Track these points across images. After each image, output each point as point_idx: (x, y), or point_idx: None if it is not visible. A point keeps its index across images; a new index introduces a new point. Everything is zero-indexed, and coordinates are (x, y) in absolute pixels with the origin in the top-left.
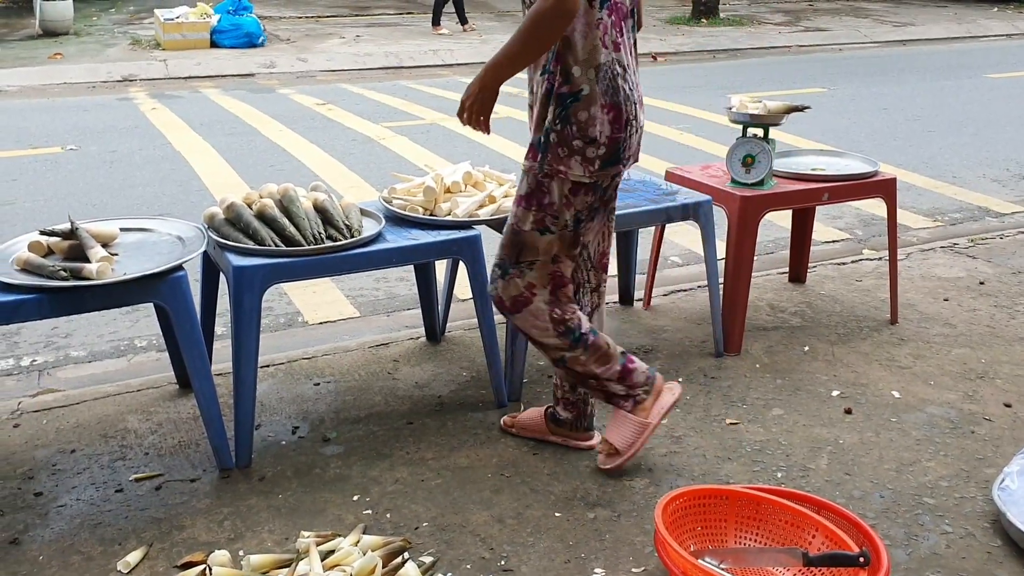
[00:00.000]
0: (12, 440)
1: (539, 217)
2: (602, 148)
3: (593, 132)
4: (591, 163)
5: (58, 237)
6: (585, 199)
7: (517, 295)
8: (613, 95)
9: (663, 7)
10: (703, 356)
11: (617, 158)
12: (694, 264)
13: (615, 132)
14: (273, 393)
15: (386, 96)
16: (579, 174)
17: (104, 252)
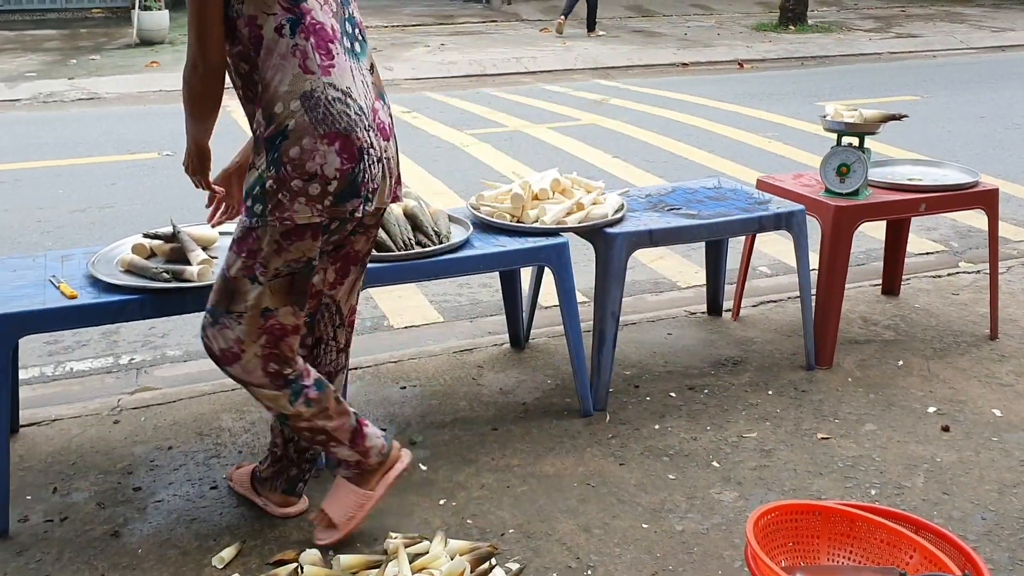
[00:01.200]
0: (113, 436)
1: (248, 264)
2: (332, 183)
3: (313, 167)
4: (318, 201)
5: (160, 240)
6: (305, 243)
7: (226, 348)
8: (332, 123)
9: (748, 14)
10: (793, 369)
11: (354, 192)
12: (783, 274)
13: (344, 163)
14: (361, 395)
15: (470, 104)
16: (307, 216)
17: (204, 255)
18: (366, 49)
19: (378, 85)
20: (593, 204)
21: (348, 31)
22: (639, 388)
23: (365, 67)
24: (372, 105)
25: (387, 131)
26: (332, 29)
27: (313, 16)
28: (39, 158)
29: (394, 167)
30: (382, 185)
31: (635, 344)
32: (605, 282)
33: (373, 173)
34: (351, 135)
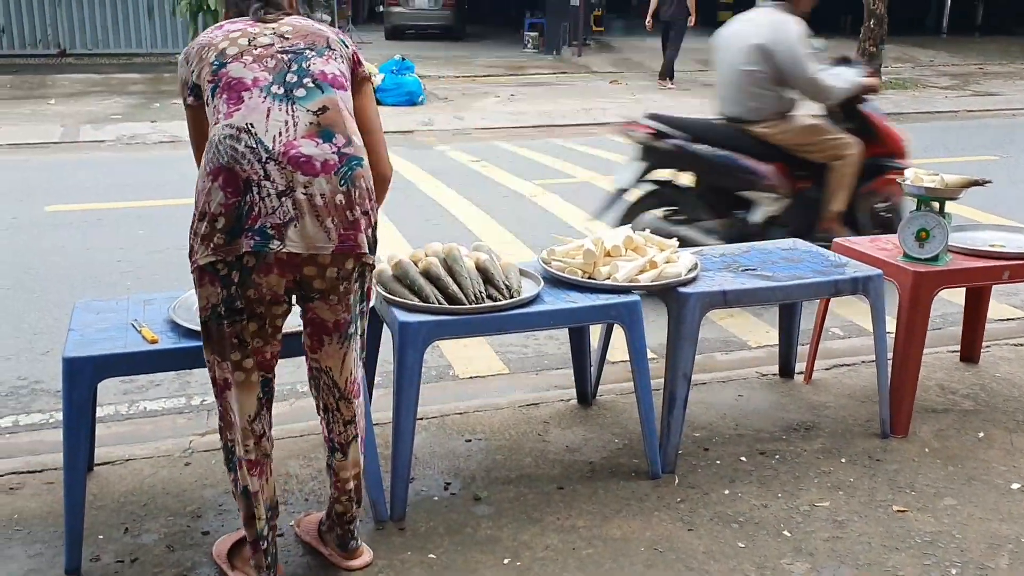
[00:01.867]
0: (183, 478)
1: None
2: (219, 219)
3: (202, 205)
4: (210, 239)
5: None
6: (206, 289)
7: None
8: (219, 158)
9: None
10: (867, 436)
11: (242, 227)
12: (856, 337)
13: (229, 197)
14: (426, 447)
15: (539, 154)
16: (203, 256)
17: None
18: (317, 96)
19: (332, 126)
20: (666, 262)
21: (288, 80)
22: (708, 451)
23: (304, 108)
24: (289, 140)
25: (312, 166)
26: (253, 80)
27: (230, 74)
28: (121, 199)
29: (327, 206)
30: (302, 224)
31: (705, 405)
32: (677, 342)
33: (269, 207)
34: (234, 167)
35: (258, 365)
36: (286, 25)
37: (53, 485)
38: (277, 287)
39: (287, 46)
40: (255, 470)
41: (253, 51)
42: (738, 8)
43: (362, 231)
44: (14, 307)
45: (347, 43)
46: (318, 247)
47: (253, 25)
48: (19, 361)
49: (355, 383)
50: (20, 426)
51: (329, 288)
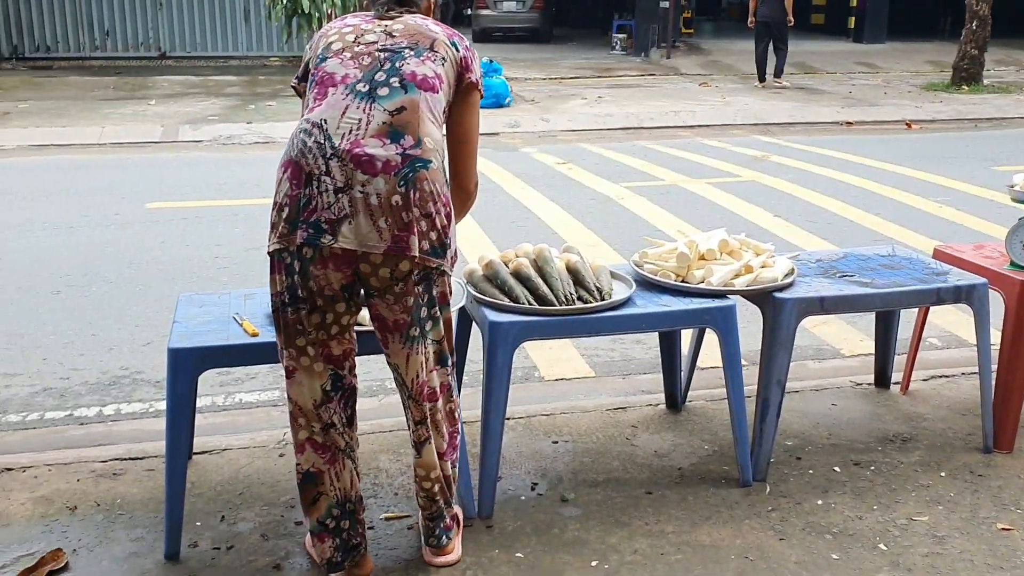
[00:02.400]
0: (277, 468)
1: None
2: (284, 209)
3: (275, 194)
4: (276, 228)
5: None
6: (272, 277)
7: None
8: (290, 151)
9: (918, 73)
10: (968, 451)
11: (300, 218)
12: (955, 347)
13: (293, 189)
14: (513, 447)
15: (626, 156)
16: (272, 242)
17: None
18: (398, 96)
19: (404, 127)
20: (762, 267)
21: (376, 78)
22: (801, 460)
23: (381, 107)
24: (356, 139)
25: (373, 166)
26: (343, 77)
27: (326, 69)
28: (218, 197)
29: (382, 206)
30: (356, 222)
31: (798, 413)
32: (772, 349)
33: (326, 202)
34: (301, 160)
35: (323, 357)
36: (399, 24)
37: (154, 472)
38: (334, 281)
39: (389, 44)
40: (323, 453)
41: (355, 48)
42: (830, 11)
43: (416, 234)
44: (117, 300)
45: (458, 47)
46: (369, 246)
47: (369, 21)
48: (121, 352)
49: (424, 385)
50: (122, 414)
51: (384, 287)
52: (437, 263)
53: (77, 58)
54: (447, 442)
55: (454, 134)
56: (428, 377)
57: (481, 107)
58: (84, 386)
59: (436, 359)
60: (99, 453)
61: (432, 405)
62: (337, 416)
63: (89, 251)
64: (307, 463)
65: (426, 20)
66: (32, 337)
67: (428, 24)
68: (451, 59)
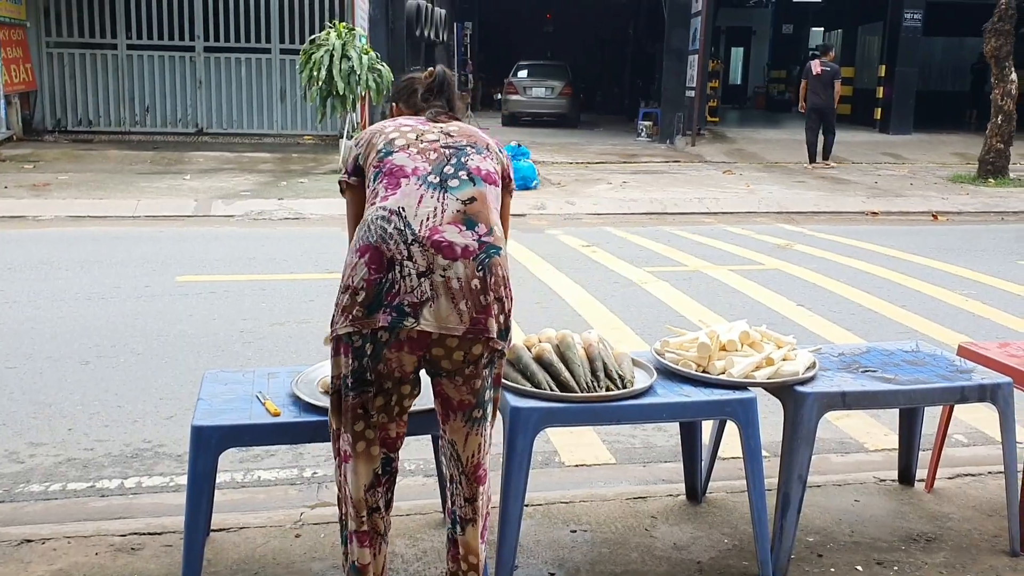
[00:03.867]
0: (293, 549)
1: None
2: (360, 293)
3: (347, 279)
4: (349, 311)
5: None
6: (339, 359)
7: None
8: (368, 236)
9: (944, 165)
10: (995, 553)
11: (380, 302)
12: (981, 445)
13: (372, 273)
14: (531, 535)
15: (649, 241)
16: (343, 325)
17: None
18: (468, 187)
19: (477, 215)
20: (783, 360)
21: (446, 171)
22: (823, 558)
23: (454, 197)
24: (435, 226)
25: (453, 251)
26: (413, 169)
27: (394, 162)
28: (247, 272)
29: (463, 289)
30: (438, 305)
31: (819, 509)
32: (793, 443)
33: (409, 286)
34: (381, 246)
35: (380, 441)
36: (453, 126)
37: (172, 548)
38: (407, 364)
39: (451, 142)
40: (366, 542)
41: (419, 144)
42: (857, 102)
43: (493, 316)
44: (143, 372)
45: (503, 154)
46: (449, 328)
47: (424, 123)
48: (145, 424)
49: (480, 466)
50: (143, 487)
51: (455, 369)
52: (502, 346)
53: (117, 132)
54: (483, 527)
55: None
56: (482, 459)
57: None
58: (107, 458)
59: (487, 445)
60: (119, 527)
61: (482, 488)
62: (382, 499)
63: (119, 322)
64: (353, 555)
65: (475, 128)
66: (59, 407)
67: (479, 131)
68: (500, 163)
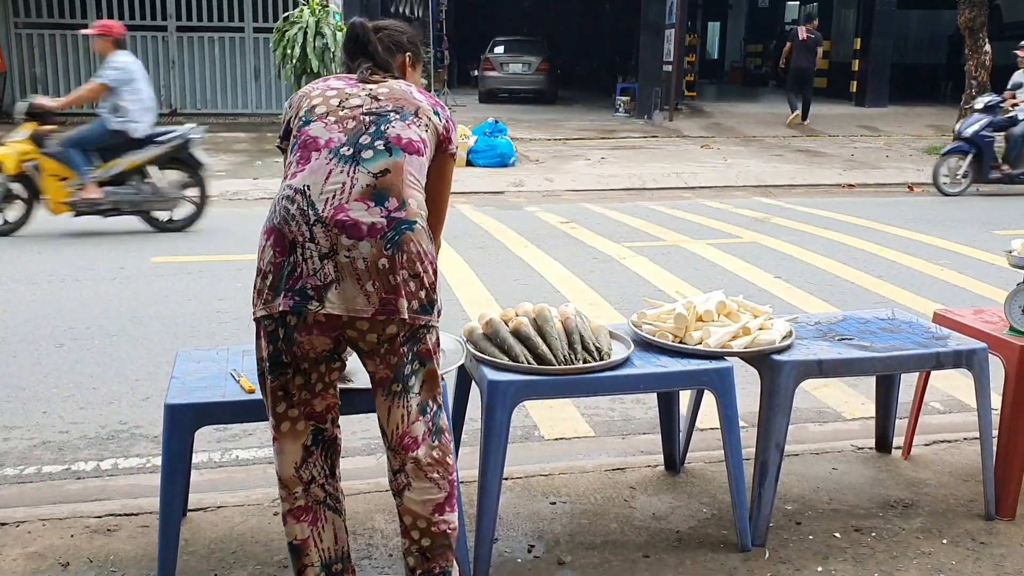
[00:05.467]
0: (271, 527)
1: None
2: (268, 277)
3: (258, 261)
4: (260, 295)
5: None
6: (258, 343)
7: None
8: (273, 218)
9: (920, 136)
10: (970, 517)
11: (284, 286)
12: (957, 412)
13: (277, 256)
14: (511, 507)
15: (628, 216)
16: (258, 308)
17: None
18: (382, 159)
19: (388, 189)
20: (760, 329)
21: (361, 142)
22: (801, 525)
23: (366, 170)
24: (340, 204)
25: (358, 230)
26: (327, 141)
27: (309, 133)
28: (222, 252)
29: (369, 270)
30: (343, 287)
31: (797, 477)
32: (770, 411)
33: (311, 268)
34: (284, 228)
35: (305, 416)
36: (384, 87)
37: (148, 529)
38: (320, 345)
39: (374, 108)
40: (305, 516)
41: (339, 112)
42: (833, 75)
43: (405, 295)
44: (118, 353)
45: (440, 116)
46: (357, 310)
47: (353, 85)
48: (120, 406)
49: (405, 435)
50: (119, 469)
51: (370, 349)
52: (426, 320)
53: (89, 114)
54: (441, 491)
55: (430, 200)
56: (409, 428)
57: (486, 166)
58: (83, 440)
59: (418, 411)
60: (94, 508)
61: (413, 454)
62: (318, 469)
63: (93, 304)
64: (290, 535)
65: (411, 87)
66: (33, 390)
67: (412, 91)
68: (433, 127)
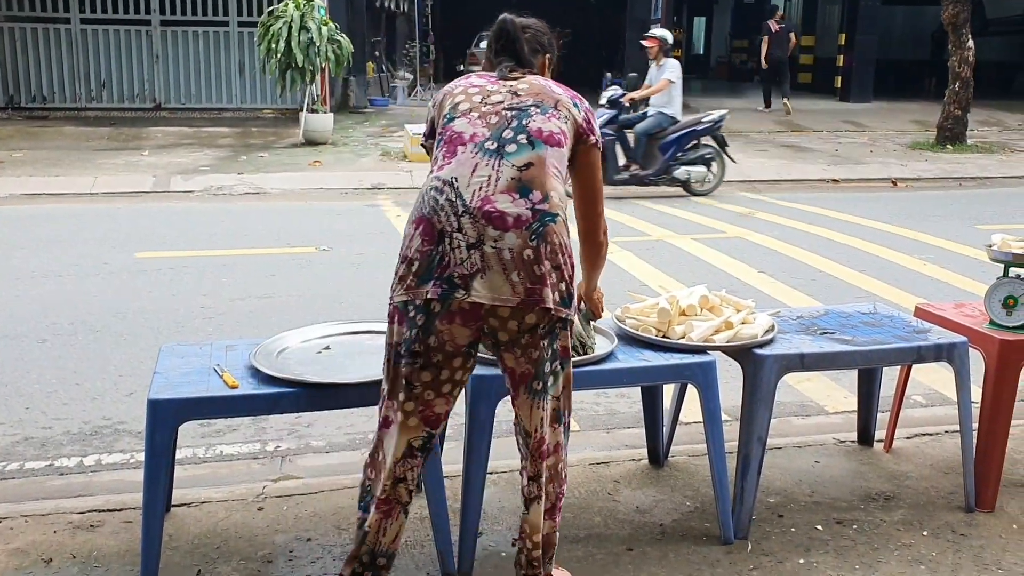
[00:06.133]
0: (255, 522)
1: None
2: (414, 264)
3: (404, 250)
4: (403, 281)
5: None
6: (393, 327)
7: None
8: (421, 208)
9: (903, 132)
10: (951, 510)
11: (431, 274)
12: (939, 405)
13: (424, 245)
14: (495, 501)
15: (614, 212)
16: (398, 293)
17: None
18: (525, 152)
19: (531, 182)
20: (742, 323)
21: (504, 136)
22: (783, 518)
23: (510, 163)
24: (487, 196)
25: (504, 221)
26: (471, 135)
27: (454, 129)
28: (206, 247)
29: (515, 260)
30: (488, 276)
31: (780, 470)
32: (752, 405)
33: (459, 258)
34: (433, 218)
35: (422, 417)
36: (523, 83)
37: (131, 524)
38: (459, 337)
39: (515, 103)
40: (383, 507)
41: (482, 108)
42: (817, 71)
43: (550, 285)
44: (102, 349)
45: (580, 108)
46: (503, 299)
47: (494, 82)
48: (104, 401)
49: (543, 440)
50: (103, 465)
51: (511, 340)
52: (566, 313)
53: (73, 108)
54: (553, 503)
55: (579, 192)
56: (546, 435)
57: None
58: (66, 436)
59: (553, 417)
60: (77, 504)
61: (547, 463)
62: (411, 473)
63: (77, 300)
64: (363, 520)
65: (548, 82)
66: (16, 386)
67: (551, 85)
68: (572, 119)
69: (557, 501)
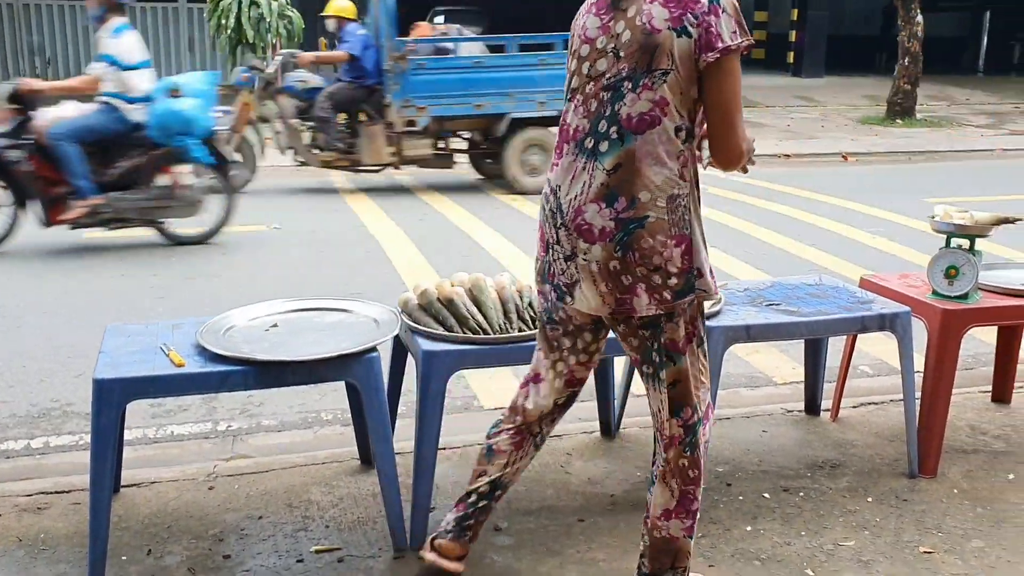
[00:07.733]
0: (207, 501)
1: None
2: (537, 263)
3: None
4: (536, 273)
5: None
6: (541, 300)
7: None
8: (541, 214)
9: (854, 107)
10: (895, 476)
11: (543, 278)
12: (885, 375)
13: (540, 251)
14: (448, 477)
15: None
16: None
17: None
18: (615, 151)
19: (619, 187)
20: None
21: (599, 130)
22: (731, 487)
23: (601, 167)
24: (579, 206)
25: (591, 234)
26: (574, 129)
27: (565, 118)
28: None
29: (601, 272)
30: (587, 287)
31: (729, 440)
32: None
33: (560, 268)
34: (543, 227)
35: (566, 379)
36: (628, 29)
37: (80, 506)
38: (583, 320)
39: (613, 74)
40: (516, 437)
41: (587, 86)
42: (770, 46)
43: (642, 293)
44: (51, 330)
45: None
46: (595, 310)
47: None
48: (52, 383)
49: (661, 428)
50: (51, 447)
51: (623, 332)
52: (670, 306)
53: None
54: (676, 500)
55: (708, 105)
56: (664, 424)
57: None
58: (12, 418)
59: (670, 409)
60: (24, 487)
61: (665, 454)
62: (548, 420)
63: (24, 280)
64: (492, 440)
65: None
66: None
67: (652, 22)
68: (678, 57)
69: (683, 499)
